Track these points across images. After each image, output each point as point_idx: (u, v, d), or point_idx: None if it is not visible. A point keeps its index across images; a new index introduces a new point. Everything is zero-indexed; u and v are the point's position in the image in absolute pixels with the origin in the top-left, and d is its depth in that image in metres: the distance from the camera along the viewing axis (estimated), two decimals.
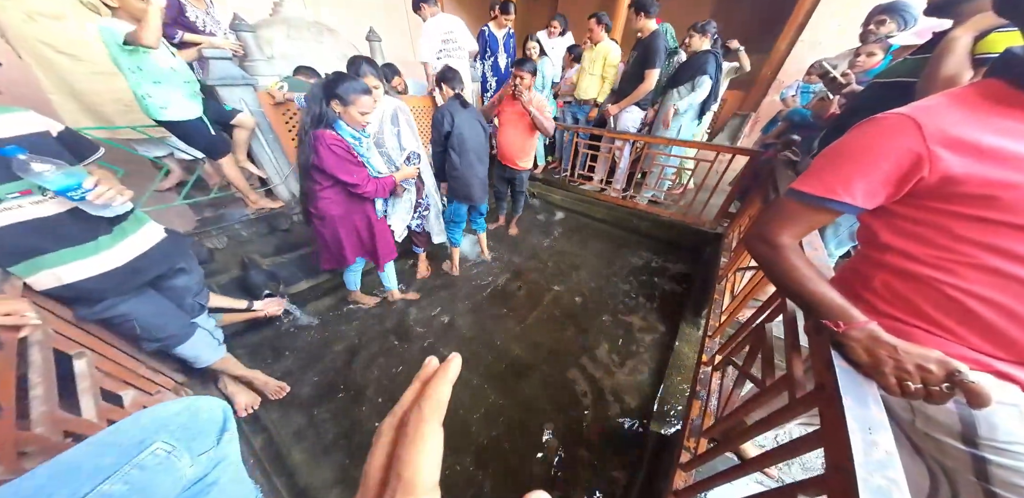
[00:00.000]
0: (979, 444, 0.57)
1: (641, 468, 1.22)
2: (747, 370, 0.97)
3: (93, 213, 0.86)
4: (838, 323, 0.57)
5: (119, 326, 1.01)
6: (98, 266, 0.91)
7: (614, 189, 3.13)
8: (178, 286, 1.17)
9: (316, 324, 1.96)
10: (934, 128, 0.48)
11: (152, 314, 1.06)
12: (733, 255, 1.91)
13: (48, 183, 0.75)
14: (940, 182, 0.49)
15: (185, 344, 1.14)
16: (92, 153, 0.96)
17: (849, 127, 0.63)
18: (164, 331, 1.09)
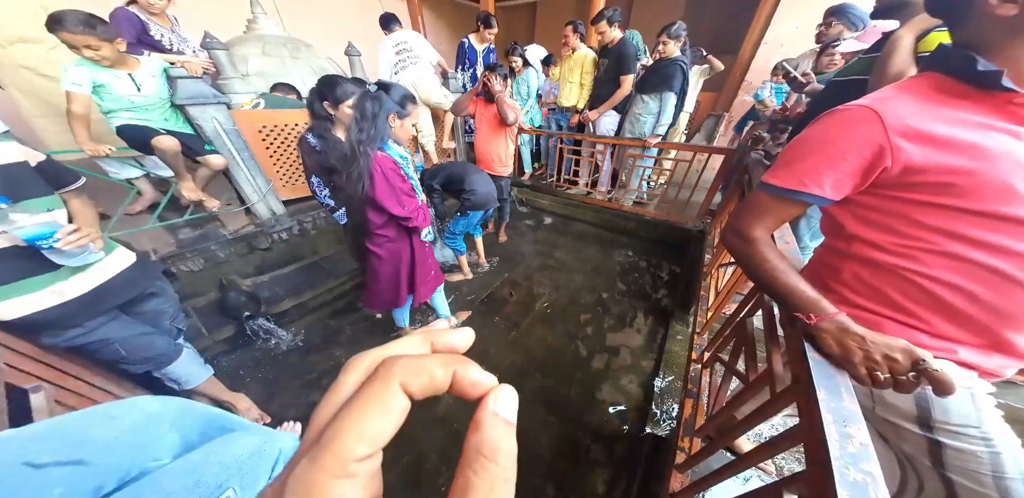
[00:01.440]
0: (934, 428, 0.59)
1: (638, 471, 1.20)
2: (732, 365, 0.97)
3: (59, 262, 0.86)
4: (809, 315, 0.58)
5: (99, 352, 0.97)
6: (55, 297, 0.88)
7: (599, 192, 3.17)
8: (150, 310, 1.14)
9: (300, 345, 1.90)
10: (894, 119, 0.50)
11: (134, 335, 1.04)
12: (716, 251, 1.93)
13: (20, 232, 0.77)
14: (902, 172, 0.51)
15: (176, 362, 1.11)
16: (74, 181, 0.98)
17: None
18: (152, 350, 1.06)
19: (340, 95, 1.22)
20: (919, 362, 0.49)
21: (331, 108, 1.25)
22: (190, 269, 1.88)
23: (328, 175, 1.40)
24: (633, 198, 3.05)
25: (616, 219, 3.09)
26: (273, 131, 2.29)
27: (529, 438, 1.40)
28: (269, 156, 2.34)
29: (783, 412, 0.75)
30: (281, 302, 1.95)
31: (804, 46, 2.62)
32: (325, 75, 1.25)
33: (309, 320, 2.09)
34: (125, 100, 1.68)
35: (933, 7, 0.57)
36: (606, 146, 2.98)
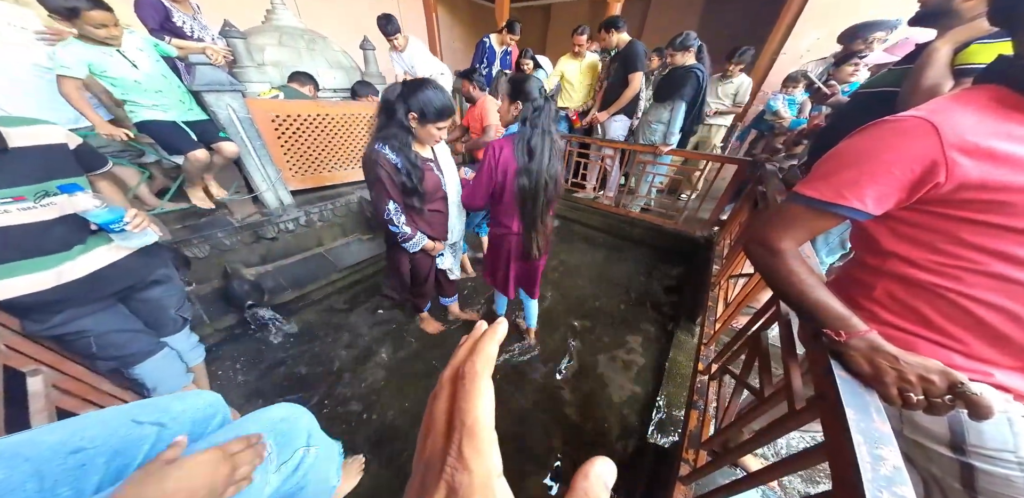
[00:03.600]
0: (967, 451, 0.57)
1: (640, 482, 1.18)
2: (744, 379, 0.95)
3: (125, 244, 0.96)
4: (839, 332, 0.56)
5: (72, 343, 0.95)
6: (60, 276, 0.87)
7: (606, 196, 3.15)
8: (153, 298, 1.12)
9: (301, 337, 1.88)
10: (951, 133, 0.47)
11: (114, 331, 1.00)
12: (725, 262, 1.91)
13: (95, 218, 0.86)
14: (955, 189, 0.48)
15: (144, 364, 1.06)
16: (102, 166, 1.03)
17: (837, 136, 0.62)
18: (123, 349, 1.02)
19: (434, 116, 1.07)
20: (957, 385, 0.47)
21: (416, 123, 1.09)
22: (195, 255, 1.88)
23: (407, 197, 1.22)
24: (641, 204, 3.03)
25: (623, 225, 3.06)
26: (286, 121, 2.29)
27: (529, 441, 1.37)
28: (280, 146, 2.33)
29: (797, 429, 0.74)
30: (284, 293, 1.93)
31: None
32: (416, 80, 1.08)
33: (311, 312, 2.08)
34: (131, 82, 1.66)
35: (998, 15, 0.55)
36: (616, 151, 2.96)
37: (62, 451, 0.52)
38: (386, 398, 1.56)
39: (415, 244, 1.34)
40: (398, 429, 1.42)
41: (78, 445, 0.53)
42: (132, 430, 0.60)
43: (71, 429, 0.55)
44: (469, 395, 0.17)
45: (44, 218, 0.84)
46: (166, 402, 0.67)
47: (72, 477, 0.51)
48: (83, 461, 0.52)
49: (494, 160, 1.13)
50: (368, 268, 2.40)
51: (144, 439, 0.60)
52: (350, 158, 2.73)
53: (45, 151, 0.85)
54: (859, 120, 0.62)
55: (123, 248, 1.00)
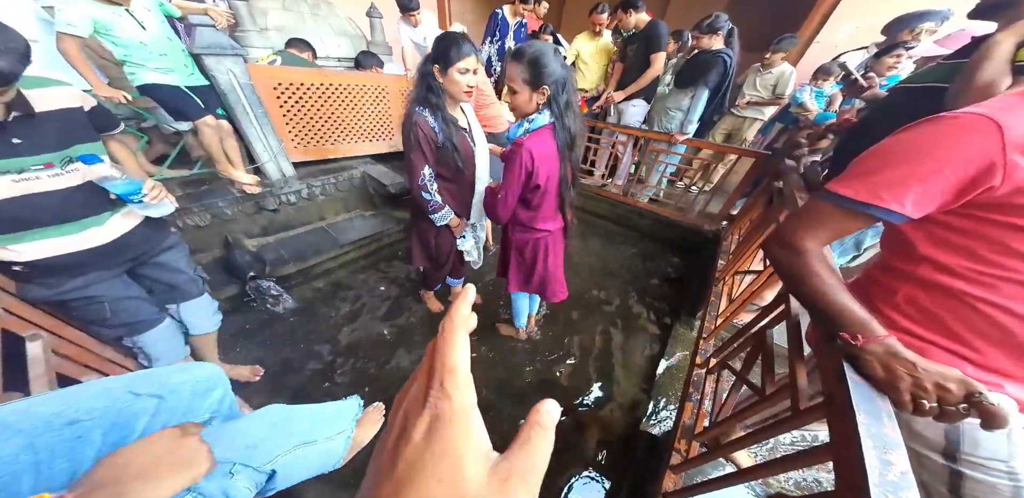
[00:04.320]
0: (959, 459, 0.58)
1: (631, 468, 1.21)
2: (744, 375, 0.95)
3: (143, 213, 0.96)
4: (856, 335, 0.54)
5: (83, 309, 0.94)
6: (85, 241, 0.89)
7: (615, 185, 3.08)
8: (170, 261, 1.12)
9: (303, 310, 1.89)
10: (1017, 133, 0.43)
11: (125, 298, 1.01)
12: (731, 258, 1.89)
13: (114, 188, 0.85)
14: (1010, 192, 0.45)
15: (151, 332, 1.07)
16: (115, 127, 1.03)
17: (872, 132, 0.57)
18: (135, 315, 1.03)
19: (454, 55, 0.98)
20: (974, 394, 0.46)
21: (439, 75, 1.02)
22: (196, 224, 1.85)
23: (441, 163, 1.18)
24: (650, 195, 2.97)
25: (630, 215, 3.02)
26: (288, 89, 2.19)
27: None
28: (282, 115, 2.25)
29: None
30: (286, 265, 1.92)
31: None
32: (444, 32, 1.04)
33: (313, 287, 2.08)
34: (136, 43, 1.58)
35: None
36: (629, 138, 2.87)
37: (57, 423, 0.50)
38: (385, 373, 1.58)
39: (443, 217, 1.29)
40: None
41: (74, 417, 0.52)
42: (130, 402, 0.58)
43: (67, 400, 0.54)
44: (447, 345, 0.19)
45: (71, 184, 0.84)
46: (165, 374, 0.66)
47: (68, 449, 0.50)
48: (79, 433, 0.52)
49: (528, 166, 0.97)
50: (371, 245, 2.38)
51: (142, 411, 0.59)
52: (353, 131, 2.64)
53: (65, 115, 0.83)
54: (899, 117, 0.58)
55: (139, 215, 1.00)
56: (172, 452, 0.45)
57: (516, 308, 1.63)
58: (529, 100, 0.95)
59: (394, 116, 2.88)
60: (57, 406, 0.52)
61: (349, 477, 1.14)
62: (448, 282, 1.92)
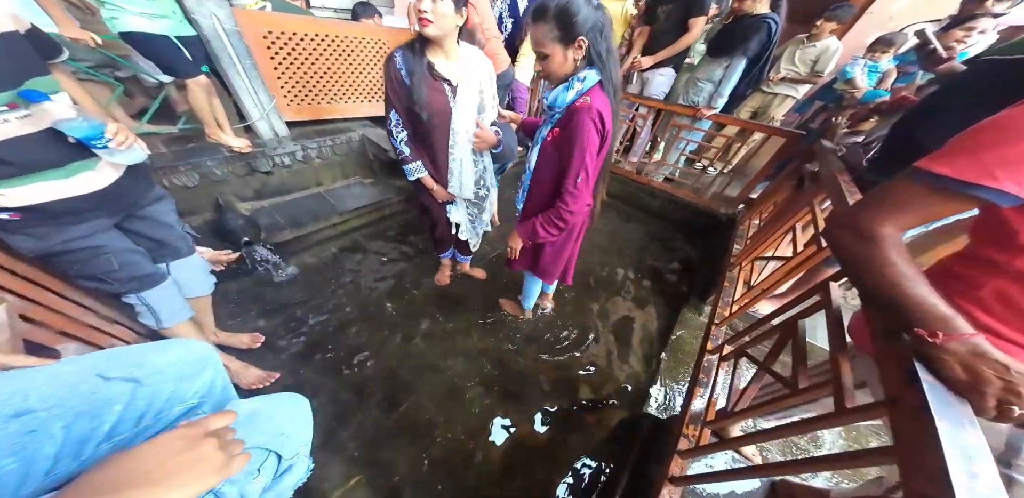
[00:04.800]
0: (1013, 465, 0.56)
1: (632, 449, 1.21)
2: (769, 366, 0.90)
3: (111, 160, 0.84)
4: (936, 333, 0.47)
5: (88, 262, 0.87)
6: (81, 186, 0.81)
7: (629, 162, 2.92)
8: (159, 214, 1.03)
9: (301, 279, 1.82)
10: None
11: (128, 249, 0.94)
12: (750, 243, 1.80)
13: (72, 131, 0.75)
14: None
15: (158, 288, 1.01)
16: (57, 54, 0.89)
17: (948, 109, 0.47)
18: (142, 269, 0.96)
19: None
20: None
21: None
22: (184, 184, 1.72)
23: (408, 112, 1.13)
24: (665, 174, 2.83)
25: (641, 195, 2.89)
26: (280, 39, 1.97)
27: (526, 403, 1.39)
28: (273, 68, 2.03)
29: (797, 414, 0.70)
30: (282, 232, 1.82)
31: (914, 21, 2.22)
32: None
33: (311, 255, 1.99)
34: None
35: None
36: (650, 110, 2.67)
37: (1, 414, 0.42)
38: (385, 345, 1.54)
39: (411, 171, 1.22)
40: (396, 375, 1.42)
41: (23, 406, 0.43)
42: (98, 388, 0.49)
43: (14, 386, 0.45)
44: None
45: (43, 127, 0.74)
46: (139, 353, 0.57)
47: (17, 445, 0.41)
48: (32, 426, 0.43)
49: (601, 132, 0.84)
50: (371, 214, 2.27)
51: (114, 399, 0.50)
52: (351, 89, 2.42)
53: (6, 44, 0.70)
54: (982, 92, 0.48)
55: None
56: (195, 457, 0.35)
57: (529, 290, 1.56)
58: (564, 60, 0.80)
59: None
60: (1, 393, 0.44)
61: None
62: (457, 257, 1.84)
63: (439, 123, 1.13)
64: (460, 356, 1.54)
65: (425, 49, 1.03)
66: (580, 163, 0.88)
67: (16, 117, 0.70)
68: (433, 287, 1.89)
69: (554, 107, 0.90)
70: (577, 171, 0.89)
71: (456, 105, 1.12)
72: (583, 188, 0.93)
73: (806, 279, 1.54)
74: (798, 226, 1.36)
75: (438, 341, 1.59)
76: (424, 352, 1.54)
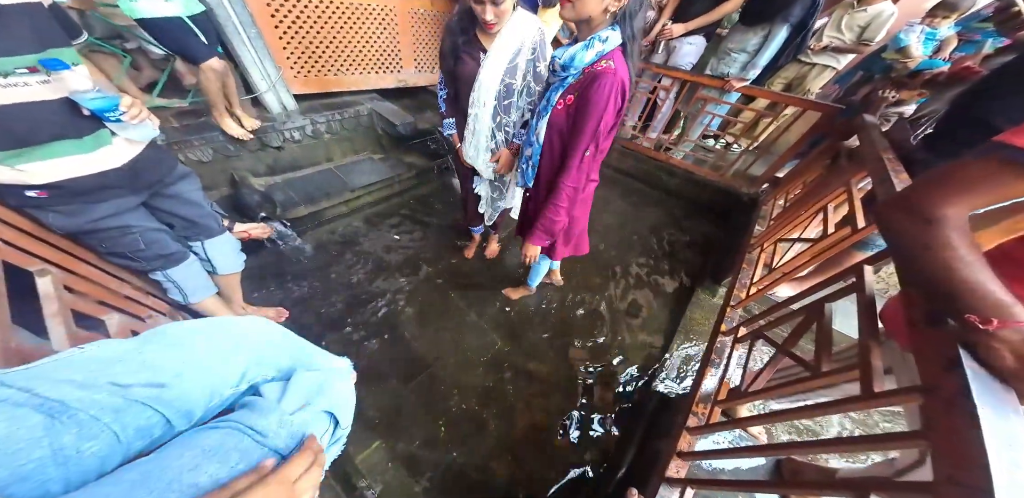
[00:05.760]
0: None
1: (639, 425, 1.24)
2: (788, 349, 0.89)
3: (123, 135, 0.83)
4: (989, 319, 0.44)
5: (116, 240, 0.89)
6: (101, 162, 0.80)
7: (647, 138, 2.77)
8: (184, 192, 1.03)
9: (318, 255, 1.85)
10: None
11: (154, 228, 0.95)
12: (773, 224, 1.73)
13: (87, 103, 0.74)
14: None
15: (184, 265, 1.03)
16: (78, 34, 0.89)
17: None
18: (168, 248, 0.99)
19: None
20: None
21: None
22: (199, 159, 1.72)
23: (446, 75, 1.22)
24: (686, 151, 2.69)
25: (659, 173, 2.77)
26: (284, 6, 1.86)
27: (536, 377, 1.43)
28: (279, 38, 1.95)
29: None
30: (296, 207, 1.83)
31: None
32: None
33: (327, 230, 2.01)
34: None
35: None
36: (673, 82, 2.48)
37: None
38: (400, 319, 1.58)
39: (445, 126, 1.32)
40: (411, 348, 1.46)
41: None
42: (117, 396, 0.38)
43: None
44: None
45: (62, 95, 0.73)
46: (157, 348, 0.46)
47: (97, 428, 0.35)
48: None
49: (620, 100, 0.78)
50: (382, 190, 2.25)
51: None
52: (358, 60, 2.32)
53: (30, 11, 0.69)
54: None
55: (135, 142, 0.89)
56: None
57: (538, 269, 1.55)
58: (600, 3, 0.71)
59: (403, 44, 2.51)
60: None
61: None
62: (471, 228, 1.84)
63: (462, 84, 1.15)
64: (473, 331, 1.57)
65: (464, 26, 1.05)
66: (592, 135, 0.82)
67: (37, 81, 0.70)
68: (448, 263, 1.90)
69: (568, 68, 0.83)
70: (587, 144, 0.84)
71: (482, 69, 1.08)
72: (589, 163, 0.87)
73: (831, 263, 1.49)
74: (830, 206, 1.29)
75: (452, 316, 1.62)
76: (439, 326, 1.57)
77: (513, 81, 1.13)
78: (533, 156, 1.04)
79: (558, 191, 0.94)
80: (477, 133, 1.22)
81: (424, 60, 2.74)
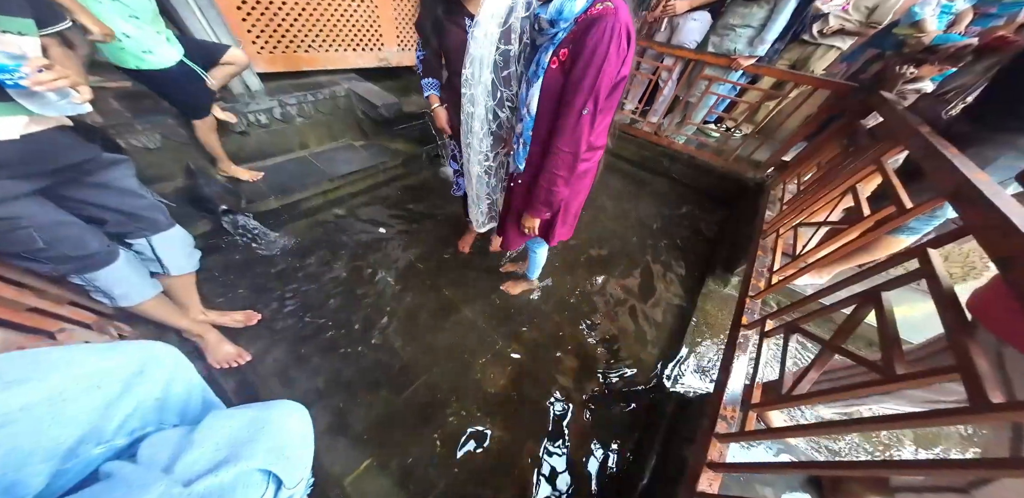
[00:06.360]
0: None
1: (658, 429, 1.13)
2: (837, 346, 0.77)
3: (32, 108, 0.65)
4: None
5: (6, 235, 0.69)
6: None
7: (648, 123, 2.64)
8: (114, 180, 0.84)
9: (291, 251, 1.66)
10: None
11: (59, 223, 0.75)
12: (787, 208, 1.63)
13: None
14: None
15: (108, 269, 0.84)
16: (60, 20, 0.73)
17: None
18: (82, 248, 0.78)
19: None
20: None
21: None
22: (145, 145, 1.49)
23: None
24: (688, 135, 2.57)
25: (660, 159, 2.65)
26: None
27: (542, 379, 1.30)
28: (236, 7, 1.71)
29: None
30: (266, 200, 1.63)
31: None
32: None
33: (303, 224, 1.81)
34: None
35: None
36: (677, 62, 2.34)
37: None
38: (389, 320, 1.42)
39: (423, 86, 1.21)
40: (402, 352, 1.31)
41: None
42: None
43: None
44: None
45: None
46: (56, 359, 0.38)
47: None
48: None
49: (626, 46, 0.66)
50: (365, 179, 2.06)
51: None
52: (333, 36, 2.09)
53: None
54: None
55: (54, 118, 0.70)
56: None
57: (537, 259, 1.40)
58: None
59: (384, 18, 2.28)
60: None
61: None
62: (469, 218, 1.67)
63: (450, 54, 1.01)
64: (470, 331, 1.43)
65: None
66: (590, 89, 0.68)
67: None
68: (441, 258, 1.74)
69: (558, 21, 0.68)
70: (584, 99, 0.70)
71: (471, 41, 0.89)
72: (588, 125, 0.74)
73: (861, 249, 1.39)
74: (859, 186, 1.18)
75: (446, 316, 1.47)
76: (432, 327, 1.42)
77: (510, 47, 0.95)
78: (524, 132, 0.88)
79: (553, 157, 0.80)
80: (474, 118, 1.00)
81: (408, 37, 2.52)
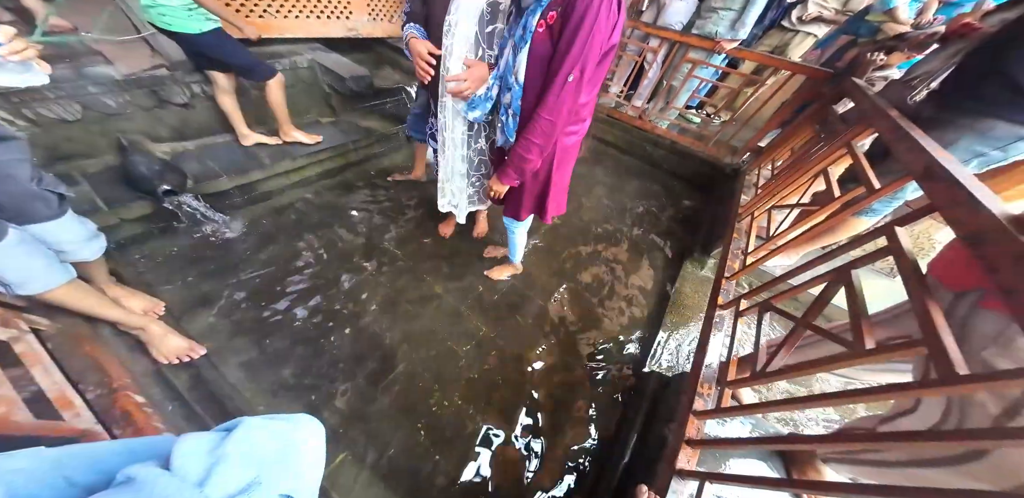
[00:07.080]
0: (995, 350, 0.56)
1: (640, 408, 1.15)
2: (809, 322, 0.80)
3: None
4: None
5: None
6: None
7: (632, 107, 2.60)
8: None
9: (248, 236, 1.52)
10: None
11: None
12: (762, 191, 1.66)
13: None
14: None
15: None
16: None
17: None
18: None
19: None
20: None
21: None
22: (60, 117, 1.28)
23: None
24: (671, 119, 2.55)
25: (643, 143, 2.64)
26: None
27: (524, 362, 1.29)
28: None
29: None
30: (217, 180, 1.48)
31: None
32: None
33: (264, 208, 1.67)
34: None
35: None
36: (662, 43, 2.30)
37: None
38: (362, 308, 1.35)
39: (403, 29, 1.04)
40: (378, 342, 1.25)
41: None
42: None
43: None
44: None
45: None
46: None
47: None
48: None
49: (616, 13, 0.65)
50: (334, 159, 1.91)
51: None
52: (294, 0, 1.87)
53: None
54: None
55: None
56: None
57: (517, 240, 1.36)
58: None
59: None
60: None
61: None
62: None
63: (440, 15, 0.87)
64: (450, 317, 1.38)
65: None
66: (578, 55, 0.66)
67: None
68: (420, 243, 1.66)
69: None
70: (571, 66, 0.68)
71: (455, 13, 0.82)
72: (573, 92, 0.71)
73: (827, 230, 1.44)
74: (831, 169, 1.21)
75: (425, 303, 1.42)
76: (413, 315, 1.36)
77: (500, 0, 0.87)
78: (513, 102, 0.83)
79: (532, 124, 0.77)
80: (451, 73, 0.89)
81: (381, 6, 2.30)
